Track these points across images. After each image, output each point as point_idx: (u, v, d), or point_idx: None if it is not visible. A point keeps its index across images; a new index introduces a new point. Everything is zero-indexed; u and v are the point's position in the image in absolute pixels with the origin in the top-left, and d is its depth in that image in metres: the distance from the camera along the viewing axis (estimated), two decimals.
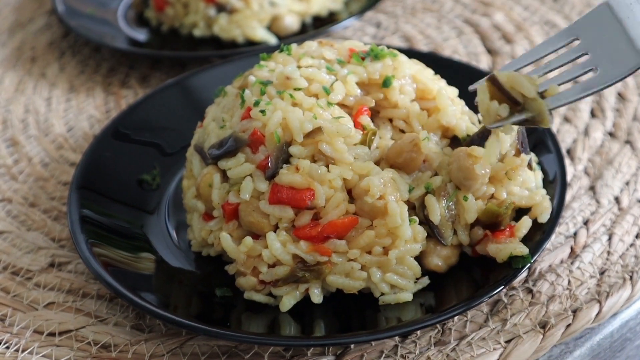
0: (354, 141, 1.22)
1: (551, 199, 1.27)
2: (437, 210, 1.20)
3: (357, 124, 1.25)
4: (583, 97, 1.12)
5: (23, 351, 1.22)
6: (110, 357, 1.20)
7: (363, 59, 1.31)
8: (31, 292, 1.33)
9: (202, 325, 1.13)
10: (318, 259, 1.17)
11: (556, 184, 1.29)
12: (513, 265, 1.18)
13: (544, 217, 1.24)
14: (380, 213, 1.17)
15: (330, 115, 1.23)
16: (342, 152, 1.20)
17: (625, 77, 1.08)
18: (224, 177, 1.26)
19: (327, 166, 1.20)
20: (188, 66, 1.88)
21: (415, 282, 1.21)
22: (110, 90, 1.86)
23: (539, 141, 1.37)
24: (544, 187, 1.30)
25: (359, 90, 1.28)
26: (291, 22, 1.92)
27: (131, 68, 1.93)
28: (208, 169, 1.28)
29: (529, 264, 1.17)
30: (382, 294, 1.19)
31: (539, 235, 1.22)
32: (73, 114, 1.79)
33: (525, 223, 1.23)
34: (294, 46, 1.37)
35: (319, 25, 1.95)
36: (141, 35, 2.01)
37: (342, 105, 1.27)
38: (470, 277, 1.22)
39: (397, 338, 1.18)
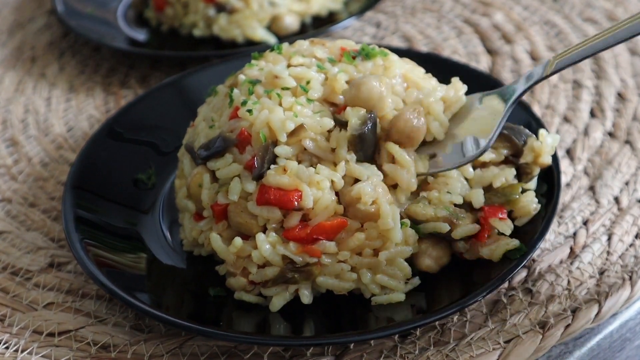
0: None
1: (545, 195, 1.27)
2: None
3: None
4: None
5: (22, 351, 1.22)
6: (109, 357, 1.20)
7: (354, 57, 1.31)
8: (30, 292, 1.33)
9: (202, 326, 1.13)
10: (307, 260, 1.17)
11: (551, 176, 1.30)
12: (511, 257, 1.19)
13: (523, 220, 1.26)
14: (373, 217, 1.17)
15: (310, 112, 1.23)
16: (326, 150, 1.20)
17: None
18: (214, 177, 1.26)
19: (315, 166, 1.20)
20: (188, 66, 1.88)
21: (405, 282, 1.21)
22: (110, 90, 1.86)
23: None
24: (539, 184, 1.30)
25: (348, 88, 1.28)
26: (291, 22, 1.92)
27: (131, 68, 1.93)
28: (198, 169, 1.28)
29: (526, 255, 1.17)
30: (373, 294, 1.19)
31: (534, 229, 1.22)
32: (73, 114, 1.79)
33: (497, 223, 1.24)
34: (285, 45, 1.37)
35: (318, 25, 1.95)
36: (141, 35, 2.01)
37: (331, 103, 1.27)
38: (467, 275, 1.22)
39: (396, 338, 1.18)
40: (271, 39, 1.90)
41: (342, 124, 1.23)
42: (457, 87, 1.31)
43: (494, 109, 1.28)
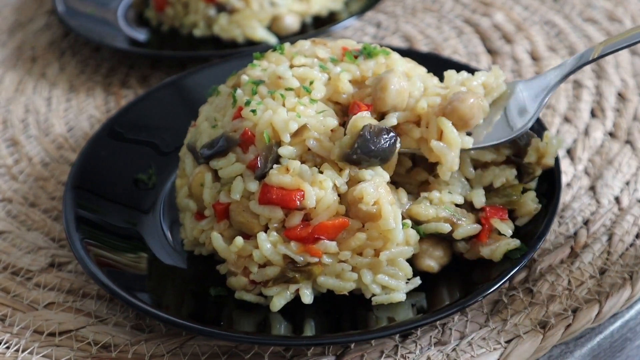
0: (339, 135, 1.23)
1: (546, 195, 1.27)
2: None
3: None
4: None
5: (23, 351, 1.22)
6: (110, 357, 1.20)
7: (356, 57, 1.31)
8: (31, 292, 1.33)
9: (202, 326, 1.13)
10: (308, 259, 1.17)
11: (552, 176, 1.30)
12: (512, 257, 1.19)
13: (524, 220, 1.26)
14: (375, 217, 1.17)
15: (314, 112, 1.23)
16: (329, 150, 1.20)
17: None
18: (216, 176, 1.26)
19: (318, 166, 1.20)
20: (188, 66, 1.88)
21: (406, 282, 1.21)
22: (110, 90, 1.86)
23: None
24: (540, 184, 1.30)
25: (352, 88, 1.28)
26: (291, 22, 1.92)
27: (131, 68, 1.93)
28: (200, 168, 1.28)
29: (526, 255, 1.18)
30: (374, 294, 1.20)
31: (535, 229, 1.22)
32: (73, 114, 1.79)
33: (498, 223, 1.24)
34: (287, 45, 1.37)
35: (319, 25, 1.95)
36: (141, 35, 2.01)
37: (335, 102, 1.27)
38: (467, 275, 1.22)
39: (397, 338, 1.18)
40: (271, 39, 1.90)
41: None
42: (497, 74, 1.31)
43: (534, 94, 1.27)
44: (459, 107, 1.20)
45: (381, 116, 1.25)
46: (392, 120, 1.23)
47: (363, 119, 1.21)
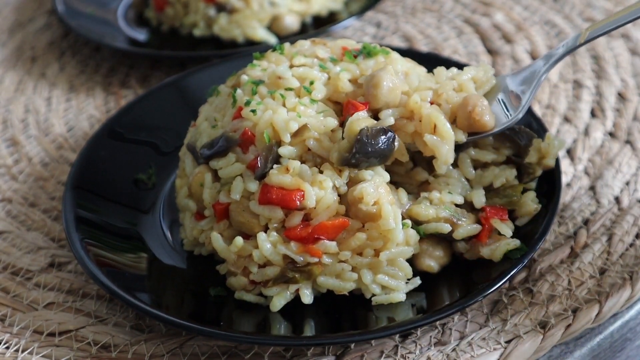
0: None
1: (546, 195, 1.27)
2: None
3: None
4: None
5: (23, 351, 1.22)
6: (110, 357, 1.20)
7: (356, 56, 1.32)
8: (31, 292, 1.33)
9: (202, 326, 1.13)
10: (308, 259, 1.17)
11: (552, 176, 1.29)
12: (512, 257, 1.19)
13: (524, 220, 1.26)
14: (375, 217, 1.17)
15: (314, 112, 1.23)
16: (329, 150, 1.20)
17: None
18: (215, 176, 1.26)
19: (318, 166, 1.20)
20: (188, 66, 1.88)
21: (406, 282, 1.21)
22: (110, 90, 1.86)
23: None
24: (540, 184, 1.30)
25: (351, 87, 1.28)
26: (291, 22, 1.92)
27: (131, 68, 1.93)
28: (200, 168, 1.28)
29: (526, 255, 1.18)
30: (373, 294, 1.19)
31: (535, 229, 1.22)
32: (73, 114, 1.79)
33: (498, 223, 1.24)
34: (286, 45, 1.38)
35: (319, 25, 1.95)
36: (141, 35, 2.01)
37: (335, 102, 1.27)
38: (467, 275, 1.22)
39: (397, 338, 1.18)
40: (271, 39, 1.90)
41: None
42: (486, 69, 1.31)
43: (523, 85, 1.29)
44: (472, 113, 1.22)
45: (374, 113, 1.25)
46: (389, 120, 1.22)
47: (359, 121, 1.20)
